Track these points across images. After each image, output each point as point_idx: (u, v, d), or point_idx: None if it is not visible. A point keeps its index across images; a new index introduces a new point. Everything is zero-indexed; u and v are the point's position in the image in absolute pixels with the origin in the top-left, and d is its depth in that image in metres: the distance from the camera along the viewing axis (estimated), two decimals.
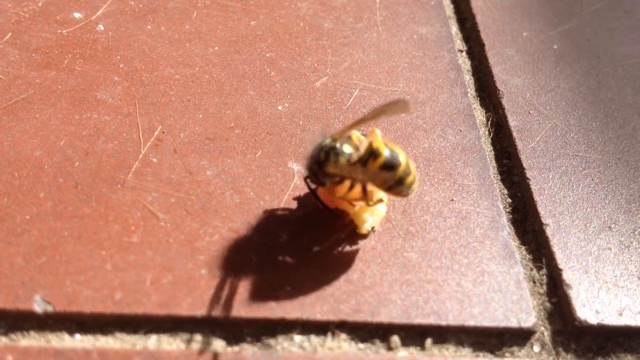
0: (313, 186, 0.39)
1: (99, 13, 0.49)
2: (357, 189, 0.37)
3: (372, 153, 0.36)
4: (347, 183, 0.37)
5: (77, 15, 0.49)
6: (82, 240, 0.36)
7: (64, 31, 0.47)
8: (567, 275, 0.39)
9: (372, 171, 0.35)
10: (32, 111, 0.42)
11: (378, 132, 0.38)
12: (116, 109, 0.43)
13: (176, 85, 0.46)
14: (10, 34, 0.46)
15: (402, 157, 0.35)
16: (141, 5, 0.51)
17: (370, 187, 0.37)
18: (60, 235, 0.36)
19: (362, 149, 0.37)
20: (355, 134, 0.39)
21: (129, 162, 0.40)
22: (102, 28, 0.48)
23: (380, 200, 0.38)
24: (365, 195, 0.37)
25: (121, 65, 0.46)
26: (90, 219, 0.37)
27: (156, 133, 0.42)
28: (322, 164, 0.36)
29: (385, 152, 0.35)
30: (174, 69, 0.47)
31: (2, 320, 0.33)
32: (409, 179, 0.36)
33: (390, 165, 0.35)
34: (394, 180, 0.35)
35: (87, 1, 0.50)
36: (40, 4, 0.49)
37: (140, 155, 0.41)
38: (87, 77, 0.45)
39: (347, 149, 0.37)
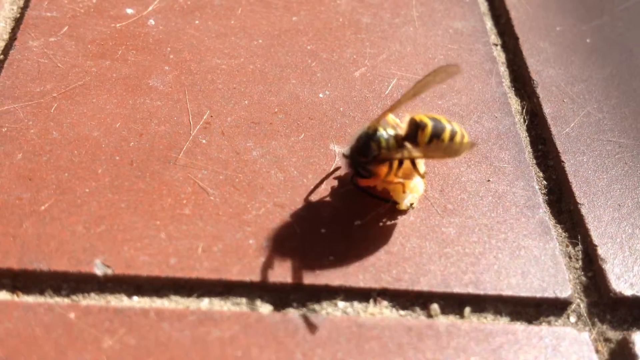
0: (362, 184, 0.40)
1: (149, 9, 0.52)
2: (404, 165, 0.39)
3: (417, 126, 0.38)
4: (395, 162, 0.39)
5: (129, 10, 0.52)
6: (137, 212, 0.39)
7: (117, 25, 0.50)
8: (602, 251, 0.40)
9: (423, 142, 0.37)
10: (89, 96, 0.45)
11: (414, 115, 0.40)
12: (167, 95, 0.46)
13: (223, 74, 0.48)
14: (67, 27, 0.49)
15: (443, 120, 0.38)
16: (189, 2, 0.53)
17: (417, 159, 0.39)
18: (117, 206, 0.39)
19: (404, 127, 0.39)
20: (391, 117, 0.41)
21: (180, 142, 0.43)
22: (153, 23, 0.51)
23: (423, 176, 0.40)
24: (416, 168, 0.39)
25: (171, 56, 0.49)
26: (145, 192, 0.40)
27: (205, 117, 0.45)
28: (371, 153, 0.38)
29: (429, 121, 0.37)
30: (221, 60, 0.49)
31: (65, 282, 0.36)
32: (458, 137, 0.37)
33: (438, 130, 0.37)
34: (446, 140, 0.37)
35: None
36: (94, 1, 0.52)
37: (191, 137, 0.43)
38: (140, 66, 0.47)
39: (390, 131, 0.39)
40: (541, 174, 0.46)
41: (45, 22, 0.49)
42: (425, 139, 0.37)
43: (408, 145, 0.38)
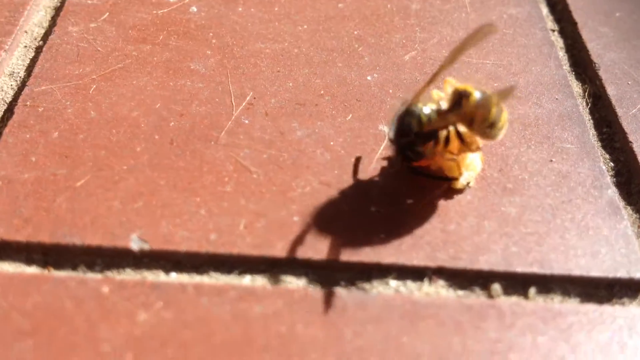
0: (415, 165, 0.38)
1: None
2: (454, 142, 0.36)
3: (461, 95, 0.35)
4: (442, 136, 0.36)
5: None
6: (177, 189, 0.36)
7: (159, 12, 0.49)
8: None
9: (469, 111, 0.34)
10: (129, 78, 0.43)
11: (451, 79, 0.38)
12: (209, 78, 0.44)
13: (266, 58, 0.46)
14: (107, 13, 0.48)
15: (488, 91, 0.35)
16: None
17: (467, 134, 0.36)
18: (156, 183, 0.37)
19: (448, 99, 0.36)
20: (436, 92, 0.38)
21: (221, 123, 0.41)
22: (195, 10, 0.50)
23: (479, 149, 0.37)
24: (464, 143, 0.36)
25: (213, 41, 0.47)
26: (185, 170, 0.38)
27: (248, 98, 0.43)
28: (412, 131, 0.36)
29: (474, 90, 0.34)
30: (264, 44, 0.47)
31: (99, 257, 0.34)
32: (503, 117, 0.34)
33: (484, 101, 0.34)
34: (491, 116, 0.34)
35: None
36: None
37: (233, 117, 0.41)
38: (181, 50, 0.46)
39: (431, 106, 0.36)
40: (607, 156, 0.42)
41: (86, 9, 0.48)
42: (472, 107, 0.34)
43: (451, 115, 0.35)
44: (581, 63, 0.50)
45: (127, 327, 0.30)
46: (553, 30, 0.53)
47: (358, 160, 0.39)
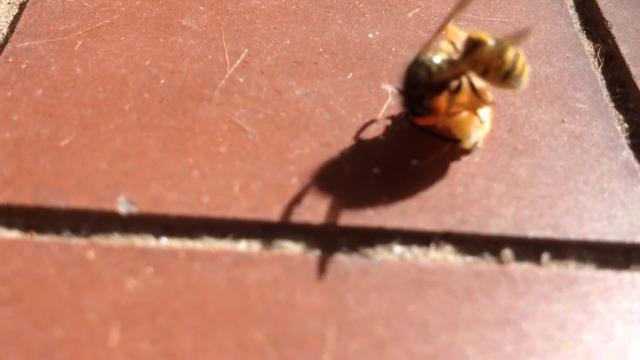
0: (420, 123, 0.36)
1: None
2: (464, 94, 0.34)
3: (474, 44, 0.33)
4: (453, 86, 0.34)
5: None
6: (168, 149, 0.34)
7: None
8: None
9: (482, 60, 0.32)
10: (116, 34, 0.41)
11: (453, 27, 0.35)
12: (202, 34, 0.42)
13: (262, 14, 0.44)
14: None
15: (502, 38, 0.32)
16: None
17: (479, 85, 0.34)
18: (145, 143, 0.34)
19: (459, 49, 0.34)
20: (445, 44, 0.36)
21: (215, 81, 0.39)
22: None
23: (491, 103, 0.35)
24: (477, 94, 0.34)
25: None
26: (176, 130, 0.35)
27: (242, 56, 0.40)
28: (420, 81, 0.33)
29: (489, 38, 0.32)
30: (260, 0, 0.45)
31: (84, 221, 0.32)
32: (520, 63, 0.32)
33: (498, 48, 0.32)
34: (508, 64, 0.32)
35: None
36: None
37: (227, 75, 0.39)
38: (172, 6, 0.44)
39: (442, 56, 0.34)
40: (621, 117, 0.40)
41: None
42: (486, 55, 0.32)
43: (464, 64, 0.33)
44: (592, 21, 0.47)
45: (114, 295, 0.28)
46: None
47: (369, 123, 0.37)
